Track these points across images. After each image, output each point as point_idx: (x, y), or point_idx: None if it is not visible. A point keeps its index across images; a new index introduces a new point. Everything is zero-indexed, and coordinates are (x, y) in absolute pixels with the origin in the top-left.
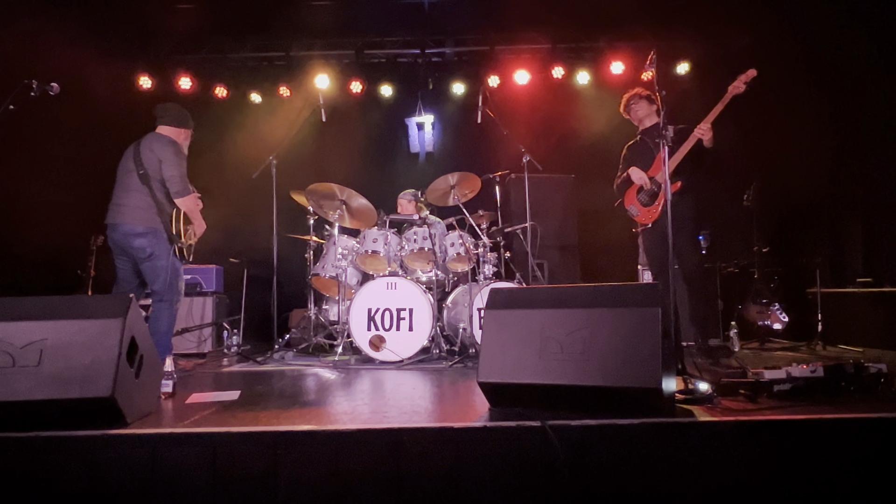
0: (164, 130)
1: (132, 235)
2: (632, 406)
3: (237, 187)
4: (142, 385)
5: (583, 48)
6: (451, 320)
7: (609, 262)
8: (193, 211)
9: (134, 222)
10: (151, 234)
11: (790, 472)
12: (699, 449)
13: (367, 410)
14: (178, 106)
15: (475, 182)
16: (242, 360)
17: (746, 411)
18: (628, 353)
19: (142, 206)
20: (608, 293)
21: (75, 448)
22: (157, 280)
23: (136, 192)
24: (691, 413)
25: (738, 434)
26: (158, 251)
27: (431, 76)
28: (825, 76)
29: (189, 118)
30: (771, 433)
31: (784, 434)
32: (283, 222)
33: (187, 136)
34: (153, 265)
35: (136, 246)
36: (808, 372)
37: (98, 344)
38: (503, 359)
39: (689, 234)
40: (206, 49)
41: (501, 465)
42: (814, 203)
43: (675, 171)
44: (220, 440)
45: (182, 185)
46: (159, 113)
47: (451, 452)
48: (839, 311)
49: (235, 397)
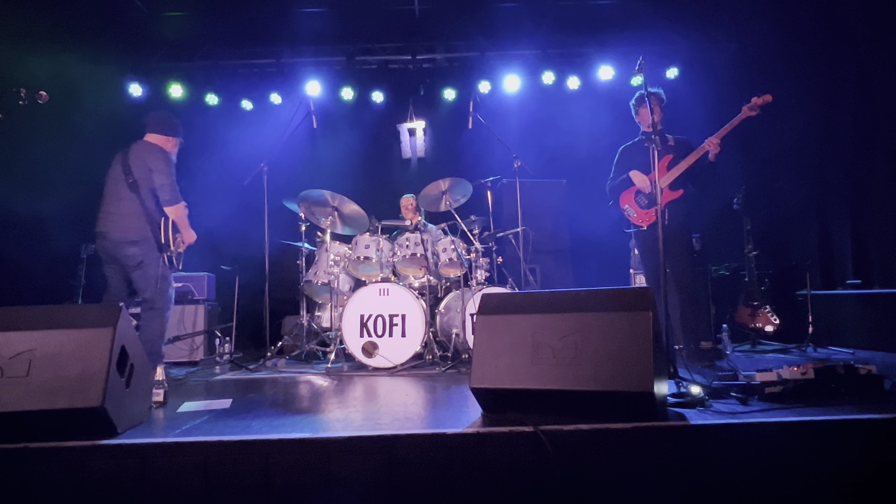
0: (153, 138)
1: (124, 244)
2: (624, 410)
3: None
4: (132, 394)
5: (572, 54)
6: (443, 326)
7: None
8: (182, 219)
9: (125, 231)
10: (142, 243)
11: (782, 475)
12: (692, 452)
13: (359, 417)
14: (167, 113)
15: (467, 187)
16: (234, 368)
17: (738, 414)
18: (620, 358)
19: (132, 214)
20: (600, 297)
21: (65, 459)
22: (147, 288)
23: (126, 200)
24: (683, 416)
25: (730, 437)
26: (149, 259)
27: (423, 82)
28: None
29: (178, 126)
30: (763, 435)
31: (776, 436)
32: (275, 229)
33: (176, 144)
34: (144, 273)
35: (128, 254)
36: (799, 374)
37: (88, 353)
38: (496, 364)
39: (684, 239)
40: (198, 56)
41: (495, 471)
42: (803, 205)
43: (678, 179)
44: (212, 449)
45: (173, 193)
46: (148, 121)
47: (444, 458)
48: (829, 313)
49: (227, 406)
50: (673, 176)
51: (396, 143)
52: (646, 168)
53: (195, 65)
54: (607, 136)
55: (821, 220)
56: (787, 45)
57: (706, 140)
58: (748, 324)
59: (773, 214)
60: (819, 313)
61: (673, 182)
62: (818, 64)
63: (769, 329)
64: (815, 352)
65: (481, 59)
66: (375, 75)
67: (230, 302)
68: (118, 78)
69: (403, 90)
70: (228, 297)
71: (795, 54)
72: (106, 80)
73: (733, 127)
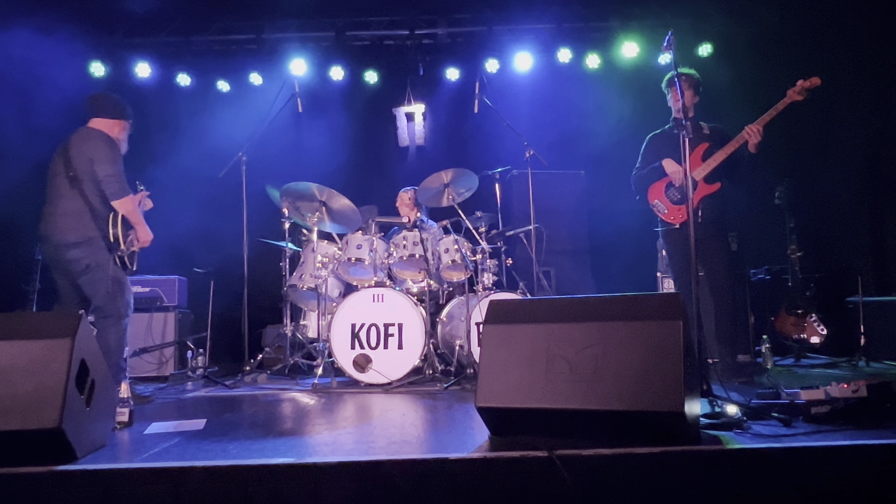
0: (96, 124)
1: (64, 247)
2: (651, 432)
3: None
4: (94, 414)
5: (592, 28)
6: (445, 337)
7: (624, 269)
8: (134, 214)
9: (65, 232)
10: (86, 244)
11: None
12: (727, 480)
13: (350, 440)
14: (113, 95)
15: (472, 180)
16: (209, 384)
17: (780, 437)
18: (646, 373)
19: (72, 213)
20: (623, 304)
21: (18, 487)
22: (97, 294)
23: (65, 197)
24: (718, 440)
25: (772, 463)
26: (96, 262)
27: (422, 60)
28: (866, 57)
29: (126, 107)
30: (808, 462)
31: (823, 463)
32: (255, 227)
33: (124, 129)
34: (91, 278)
35: (70, 258)
36: (850, 392)
37: (43, 368)
38: (505, 380)
39: (720, 239)
40: (167, 31)
41: (503, 502)
42: (854, 200)
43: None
44: (184, 476)
45: (118, 185)
46: (91, 104)
47: (446, 487)
48: (884, 323)
49: (201, 427)
50: (710, 167)
51: (392, 129)
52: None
53: (164, 41)
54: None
55: (874, 218)
56: (838, 18)
57: (746, 128)
58: (791, 334)
59: (819, 211)
60: (872, 322)
61: (709, 174)
62: (872, 41)
63: (815, 340)
64: (868, 366)
65: (489, 34)
66: (368, 52)
67: (204, 309)
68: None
69: (400, 69)
70: (202, 304)
71: (847, 29)
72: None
73: (777, 113)
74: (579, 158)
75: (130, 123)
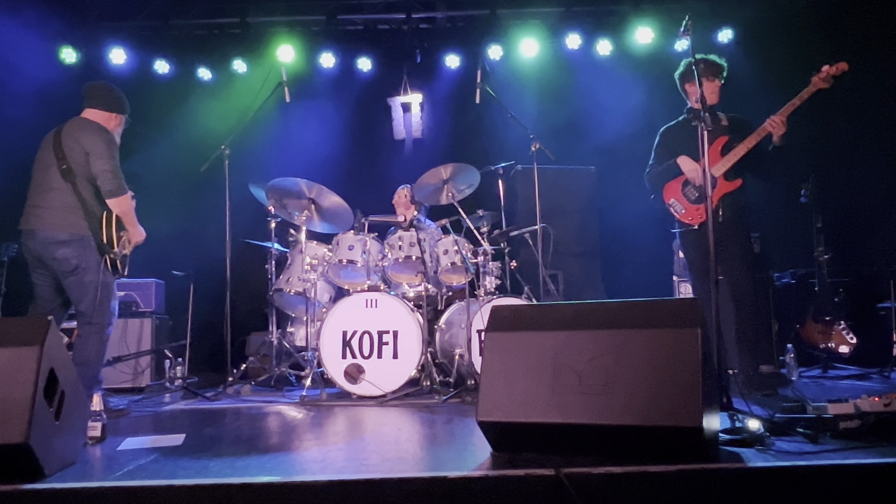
0: (92, 115)
1: (53, 244)
2: (666, 449)
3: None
4: (63, 428)
5: (603, 12)
6: (444, 345)
7: (638, 273)
8: (129, 214)
9: (55, 228)
10: (77, 243)
11: None
12: (748, 501)
13: (341, 457)
14: (111, 86)
15: (473, 175)
16: (188, 396)
17: (805, 454)
18: (661, 385)
19: (64, 207)
20: (637, 311)
21: None
22: (83, 299)
23: (57, 191)
24: (739, 457)
25: (796, 482)
26: (86, 263)
27: (420, 46)
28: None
29: (124, 101)
30: (836, 481)
31: (852, 482)
32: (239, 226)
33: (120, 123)
34: (79, 280)
35: (59, 257)
36: (882, 405)
37: (8, 378)
38: (508, 393)
39: (742, 241)
40: (144, 14)
41: None
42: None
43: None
44: (161, 495)
45: (116, 182)
46: (87, 94)
47: None
48: None
49: (180, 442)
50: (730, 162)
51: (388, 120)
52: (696, 153)
53: (141, 24)
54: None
55: None
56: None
57: (768, 119)
58: (818, 343)
59: (848, 210)
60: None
61: (730, 170)
62: None
63: (844, 350)
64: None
65: (492, 19)
66: (362, 38)
67: (183, 315)
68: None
69: (396, 56)
70: (181, 310)
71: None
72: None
73: (802, 103)
74: (589, 153)
75: (127, 119)
